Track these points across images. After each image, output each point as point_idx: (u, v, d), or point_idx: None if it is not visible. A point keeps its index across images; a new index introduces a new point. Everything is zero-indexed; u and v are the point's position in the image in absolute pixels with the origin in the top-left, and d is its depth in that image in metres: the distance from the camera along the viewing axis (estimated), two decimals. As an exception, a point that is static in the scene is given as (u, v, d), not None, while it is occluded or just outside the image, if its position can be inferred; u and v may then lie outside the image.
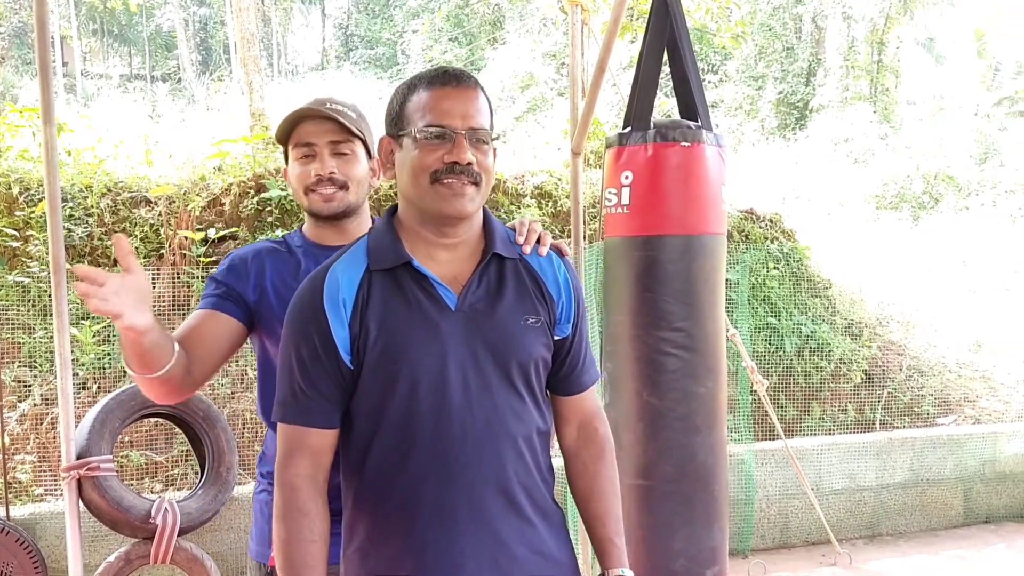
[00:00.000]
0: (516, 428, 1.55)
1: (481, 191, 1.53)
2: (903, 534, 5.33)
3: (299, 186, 1.94)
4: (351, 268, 1.55)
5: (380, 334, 1.50)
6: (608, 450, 1.71)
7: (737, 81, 18.06)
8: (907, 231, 9.88)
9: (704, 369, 2.75)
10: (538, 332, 1.59)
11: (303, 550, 1.48)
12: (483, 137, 1.53)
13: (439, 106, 1.51)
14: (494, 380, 1.53)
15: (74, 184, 5.25)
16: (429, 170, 1.50)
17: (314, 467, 1.52)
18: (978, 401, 6.36)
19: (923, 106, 16.97)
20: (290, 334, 1.55)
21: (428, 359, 1.50)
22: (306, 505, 1.50)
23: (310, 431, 1.52)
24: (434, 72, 1.56)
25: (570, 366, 1.67)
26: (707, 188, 2.74)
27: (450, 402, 1.50)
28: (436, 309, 1.52)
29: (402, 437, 1.51)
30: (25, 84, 18.84)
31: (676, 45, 2.83)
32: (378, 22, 26.73)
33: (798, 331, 6.11)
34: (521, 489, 1.55)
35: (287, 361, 1.55)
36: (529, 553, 1.56)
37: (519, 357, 1.55)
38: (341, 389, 1.53)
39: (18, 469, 4.43)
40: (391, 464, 1.52)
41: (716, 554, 2.79)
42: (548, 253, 1.67)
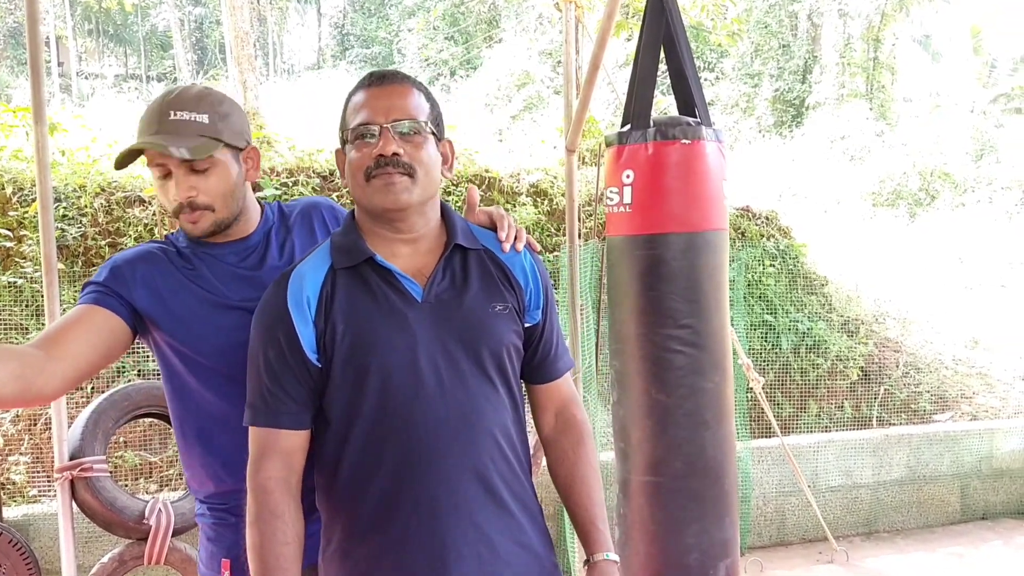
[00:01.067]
0: (491, 417, 1.55)
1: (418, 181, 1.53)
2: (900, 531, 5.33)
3: (168, 207, 1.74)
4: (314, 268, 1.56)
5: (348, 329, 1.51)
6: (587, 435, 1.71)
7: (733, 79, 18.06)
8: (903, 228, 9.90)
9: (711, 365, 2.75)
10: (507, 319, 1.60)
11: (277, 552, 1.47)
12: (410, 128, 1.54)
13: (366, 106, 1.55)
14: (466, 369, 1.54)
15: (68, 184, 5.23)
16: (362, 168, 1.53)
17: (286, 469, 1.51)
18: (975, 398, 6.36)
19: (919, 103, 16.98)
20: (256, 337, 1.55)
21: (398, 351, 1.51)
22: (279, 508, 1.49)
23: (280, 433, 1.52)
24: (365, 76, 1.61)
25: (543, 353, 1.69)
26: (708, 184, 2.73)
27: (423, 393, 1.51)
28: (402, 301, 1.53)
29: (377, 431, 1.51)
30: (20, 84, 18.81)
31: (673, 41, 2.82)
32: (374, 21, 26.71)
33: (794, 328, 6.11)
34: (500, 479, 1.55)
35: (254, 365, 1.54)
36: (511, 544, 1.56)
37: (490, 344, 1.56)
38: (309, 389, 1.53)
39: (11, 470, 4.41)
40: (368, 459, 1.52)
41: (728, 546, 2.80)
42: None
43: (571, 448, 1.68)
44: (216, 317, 1.70)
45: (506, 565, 1.54)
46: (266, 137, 6.42)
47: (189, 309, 1.70)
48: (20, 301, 4.75)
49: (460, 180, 6.03)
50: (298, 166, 5.86)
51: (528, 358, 1.67)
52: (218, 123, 1.70)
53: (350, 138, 1.56)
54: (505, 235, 1.67)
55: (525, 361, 1.67)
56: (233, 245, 1.77)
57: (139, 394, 3.56)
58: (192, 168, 1.67)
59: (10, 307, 4.73)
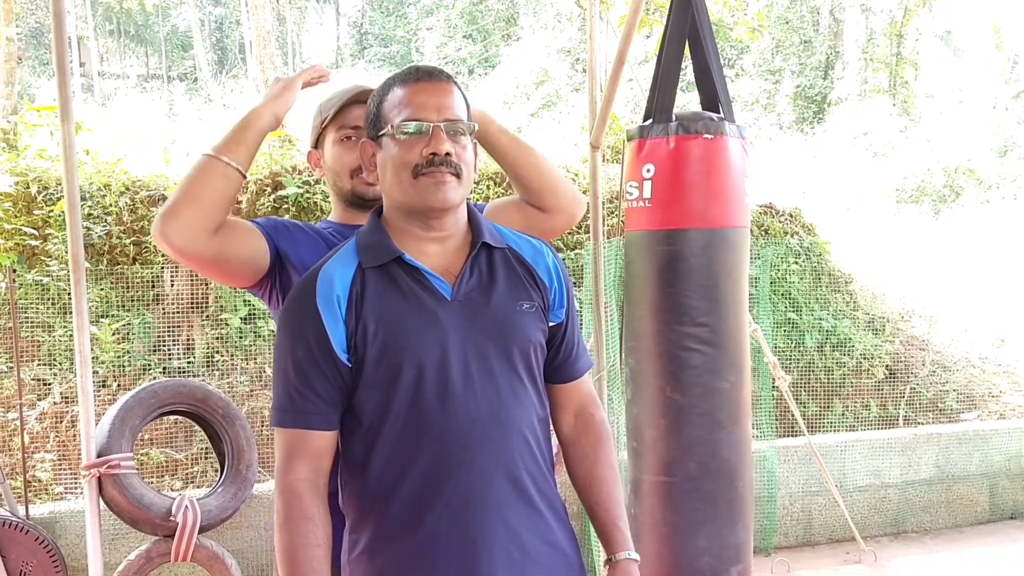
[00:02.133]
0: (520, 414, 1.56)
1: (463, 182, 1.54)
2: (928, 531, 5.27)
3: (342, 169, 1.90)
4: (342, 267, 1.54)
5: (379, 328, 1.50)
6: (606, 435, 1.71)
7: (754, 75, 17.95)
8: (928, 225, 9.81)
9: (727, 364, 2.70)
10: (534, 317, 1.60)
11: (309, 555, 1.46)
12: (460, 129, 1.54)
13: (414, 101, 1.53)
14: (496, 367, 1.54)
15: (92, 183, 5.25)
16: (410, 165, 1.51)
17: (314, 471, 1.51)
18: (1002, 396, 6.28)
19: (942, 99, 16.82)
20: (285, 338, 1.54)
21: (430, 349, 1.50)
22: (310, 510, 1.48)
23: (309, 434, 1.51)
24: (407, 70, 1.59)
25: (566, 352, 1.69)
26: (730, 181, 2.69)
27: (455, 391, 1.50)
28: (433, 299, 1.53)
29: (409, 430, 1.50)
30: (42, 84, 18.97)
31: (698, 36, 2.79)
32: (392, 20, 26.74)
33: (819, 326, 6.05)
34: (528, 477, 1.56)
35: (282, 366, 1.53)
36: (539, 543, 1.56)
37: (519, 342, 1.56)
38: (338, 389, 1.52)
39: (38, 468, 4.44)
40: (399, 459, 1.51)
41: (741, 552, 2.75)
42: (535, 243, 1.69)
43: (591, 448, 1.69)
44: None
45: (535, 564, 1.54)
46: (288, 136, 6.43)
47: None
48: (46, 299, 4.78)
49: (480, 178, 6.02)
50: (320, 164, 5.85)
51: (550, 357, 1.67)
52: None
53: (394, 133, 1.53)
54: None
55: (547, 360, 1.67)
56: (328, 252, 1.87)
57: (165, 391, 3.58)
58: None
59: (36, 305, 4.76)
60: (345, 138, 1.90)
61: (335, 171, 1.91)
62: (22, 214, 5.08)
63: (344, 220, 1.95)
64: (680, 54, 2.84)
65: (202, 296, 5.01)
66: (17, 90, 6.87)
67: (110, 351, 4.64)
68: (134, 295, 4.94)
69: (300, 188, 5.43)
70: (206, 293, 5.03)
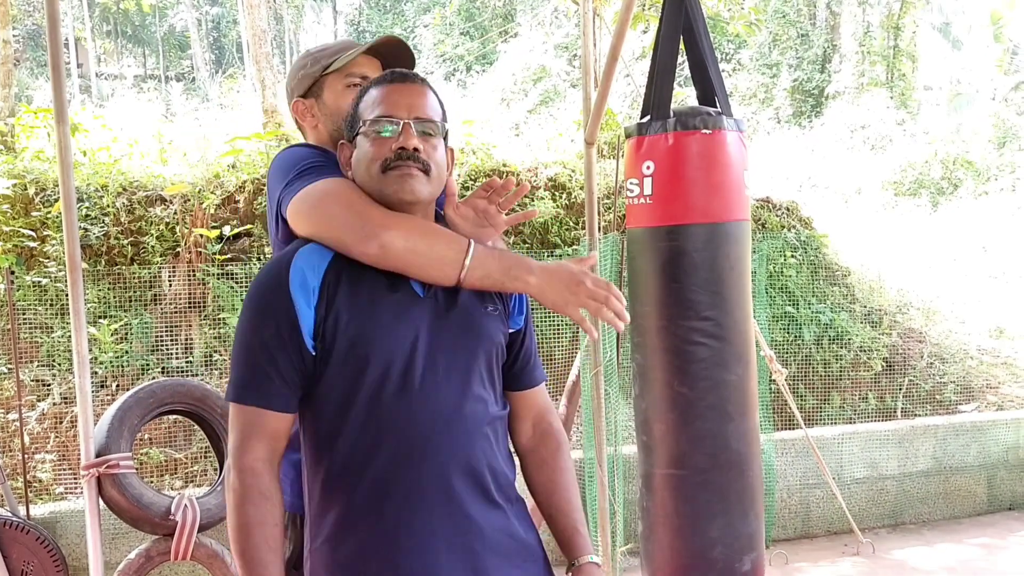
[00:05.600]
0: (482, 412, 1.58)
1: (431, 179, 1.58)
2: (926, 522, 5.28)
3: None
4: (317, 253, 1.56)
5: (351, 320, 1.51)
6: (563, 443, 1.76)
7: (751, 69, 17.92)
8: (926, 217, 9.81)
9: (734, 357, 2.72)
10: (497, 320, 1.64)
11: (266, 534, 1.48)
12: (430, 129, 1.59)
13: (387, 100, 1.59)
14: (461, 365, 1.57)
15: (90, 184, 5.27)
16: (380, 159, 1.56)
17: (271, 451, 1.52)
18: (1000, 387, 6.29)
19: (940, 91, 16.81)
20: (252, 315, 1.54)
21: (398, 344, 1.52)
22: (268, 490, 1.49)
23: (268, 414, 1.51)
24: (384, 73, 1.66)
25: (523, 360, 1.73)
26: (730, 175, 2.70)
27: (420, 386, 1.52)
28: (405, 296, 1.56)
29: (373, 422, 1.51)
30: (40, 86, 18.94)
31: (692, 31, 2.79)
32: (389, 17, 26.72)
33: (816, 320, 6.06)
34: (489, 472, 1.58)
35: (246, 342, 1.53)
36: (500, 535, 1.59)
37: (483, 342, 1.60)
38: (300, 374, 1.53)
39: (38, 468, 4.45)
40: (362, 449, 1.52)
41: (753, 540, 2.77)
42: None
43: (550, 456, 1.73)
44: None
45: (495, 554, 1.57)
46: (285, 135, 6.43)
47: None
48: (44, 300, 4.80)
49: (478, 175, 6.03)
50: (317, 163, 5.86)
51: (509, 363, 1.71)
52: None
53: (367, 130, 1.58)
54: (500, 190, 1.72)
55: (506, 367, 1.70)
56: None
57: (164, 391, 3.59)
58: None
59: (35, 306, 4.78)
60: (353, 84, 1.93)
61: (340, 114, 1.89)
62: (20, 216, 5.10)
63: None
64: (675, 50, 2.84)
65: (200, 296, 5.02)
66: (15, 92, 6.87)
67: (109, 351, 4.66)
68: (132, 295, 4.96)
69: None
70: (204, 293, 5.05)
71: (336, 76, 1.96)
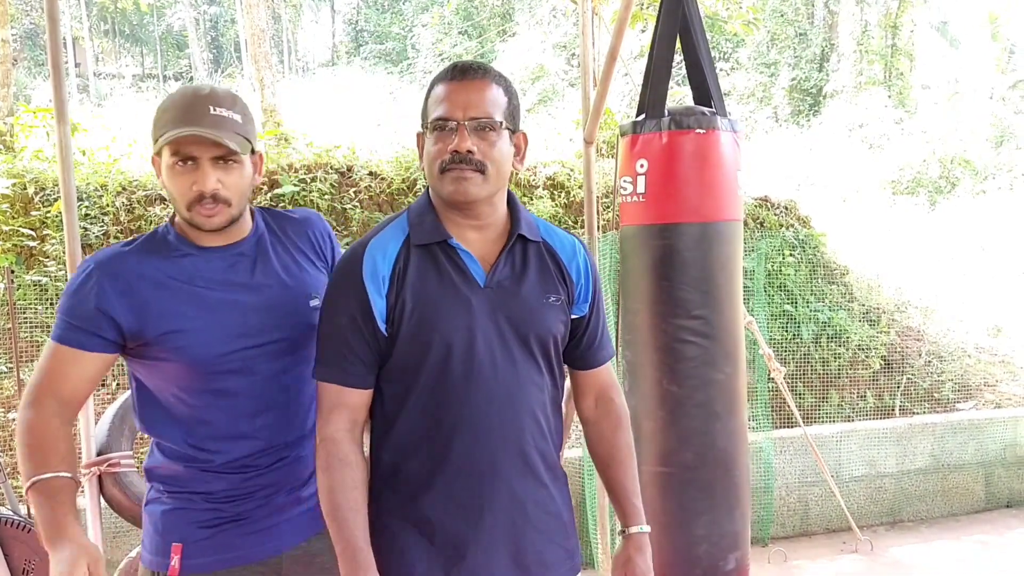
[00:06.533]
0: (534, 397, 1.69)
1: (488, 178, 1.63)
2: (924, 520, 5.30)
3: (178, 197, 1.72)
4: (391, 240, 1.67)
5: (416, 306, 1.63)
6: (624, 418, 1.86)
7: (749, 68, 17.94)
8: (924, 216, 9.82)
9: (723, 356, 2.73)
10: (558, 310, 1.72)
11: (348, 496, 1.60)
12: (486, 125, 1.62)
13: (446, 99, 1.63)
14: (516, 352, 1.67)
15: (89, 183, 5.27)
16: (437, 160, 1.62)
17: (351, 423, 1.65)
18: (998, 386, 6.31)
19: (938, 90, 16.82)
20: (331, 303, 1.67)
21: (459, 331, 1.63)
22: (348, 456, 1.62)
23: (348, 391, 1.65)
24: (448, 67, 1.68)
25: (588, 342, 1.82)
26: (723, 174, 2.71)
27: (477, 371, 1.64)
28: (467, 285, 1.65)
29: (432, 401, 1.64)
30: (38, 85, 18.95)
31: (689, 31, 2.81)
32: (387, 17, 26.73)
33: (815, 318, 6.07)
34: (536, 453, 1.70)
35: (328, 327, 1.66)
36: (541, 513, 1.71)
37: (539, 332, 1.69)
38: (376, 353, 1.65)
39: (39, 467, 4.46)
40: (419, 426, 1.65)
41: (738, 539, 2.79)
42: (570, 238, 1.81)
43: (610, 431, 1.84)
44: (207, 315, 1.73)
45: (535, 530, 1.70)
46: (284, 134, 6.44)
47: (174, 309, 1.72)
48: (44, 299, 4.80)
49: (477, 174, 6.03)
50: (316, 162, 5.88)
51: (574, 345, 1.81)
52: (247, 124, 1.78)
53: (429, 128, 1.65)
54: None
55: (571, 348, 1.81)
56: (225, 251, 1.79)
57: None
58: (221, 163, 1.71)
59: (34, 305, 4.78)
60: (179, 165, 1.70)
61: (172, 197, 1.74)
62: (20, 215, 5.10)
63: (186, 231, 1.79)
64: (671, 49, 2.86)
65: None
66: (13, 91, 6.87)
67: (109, 351, 4.66)
68: (132, 294, 4.97)
69: (296, 186, 5.45)
70: (204, 292, 5.05)
71: (166, 154, 1.72)
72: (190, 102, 1.71)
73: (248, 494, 1.79)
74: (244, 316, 1.76)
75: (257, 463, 1.79)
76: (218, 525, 1.77)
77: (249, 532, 1.79)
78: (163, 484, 1.82)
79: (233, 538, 1.78)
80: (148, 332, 1.71)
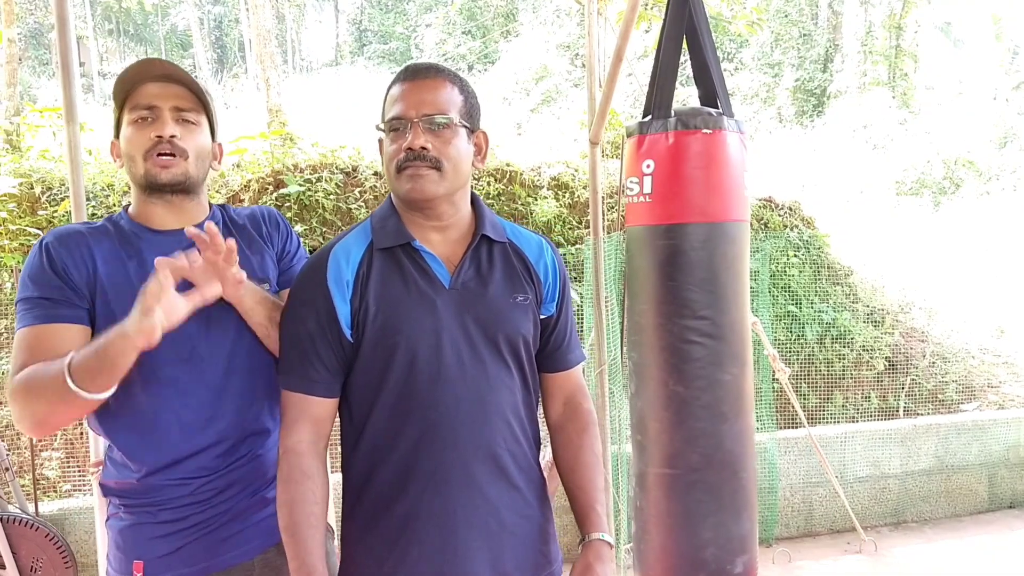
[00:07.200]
0: (505, 398, 1.66)
1: (444, 174, 1.61)
2: (928, 521, 5.31)
3: (135, 152, 1.69)
4: (355, 246, 1.64)
5: (380, 310, 1.60)
6: (591, 424, 1.81)
7: (753, 69, 17.94)
8: (928, 217, 9.82)
9: (729, 357, 2.73)
10: (525, 310, 1.70)
11: (307, 511, 1.55)
12: (439, 122, 1.61)
13: (400, 99, 1.63)
14: (485, 354, 1.64)
15: (96, 183, 5.29)
16: (394, 160, 1.62)
17: (315, 434, 1.61)
18: (1002, 387, 6.31)
19: (942, 91, 16.81)
20: (294, 309, 1.64)
21: (424, 334, 1.60)
22: (310, 469, 1.58)
23: (312, 399, 1.61)
24: (402, 68, 1.69)
25: (555, 343, 1.79)
26: (729, 175, 2.72)
27: (444, 374, 1.60)
28: (431, 287, 1.62)
29: (400, 406, 1.60)
30: (43, 85, 18.98)
31: (695, 32, 2.81)
32: (391, 16, 26.74)
33: (819, 319, 6.08)
34: (508, 456, 1.66)
35: (291, 334, 1.63)
36: (517, 517, 1.67)
37: (507, 332, 1.66)
38: (341, 361, 1.62)
39: (45, 466, 4.48)
40: (388, 434, 1.61)
41: (746, 542, 2.78)
42: (536, 238, 1.78)
43: (576, 435, 1.78)
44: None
45: (511, 535, 1.66)
46: (289, 134, 6.46)
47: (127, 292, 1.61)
48: (51, 299, 4.81)
49: (482, 174, 6.05)
50: (321, 162, 5.89)
51: (541, 347, 1.77)
52: (207, 95, 1.78)
53: (385, 129, 1.65)
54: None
55: (539, 350, 1.77)
56: (179, 233, 1.70)
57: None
58: (181, 119, 1.71)
59: (41, 305, 4.79)
60: (140, 119, 1.69)
61: (129, 155, 1.71)
62: (26, 215, 5.12)
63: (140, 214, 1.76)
64: (678, 50, 2.86)
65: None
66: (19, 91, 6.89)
67: (115, 350, 4.67)
68: (138, 294, 4.98)
69: (302, 186, 5.46)
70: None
71: (126, 111, 1.72)
72: (148, 61, 1.72)
73: (206, 500, 1.70)
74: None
75: (213, 464, 1.70)
76: (179, 535, 1.69)
77: (215, 541, 1.70)
78: (119, 498, 1.74)
79: (196, 550, 1.69)
80: (98, 308, 1.64)
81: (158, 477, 1.69)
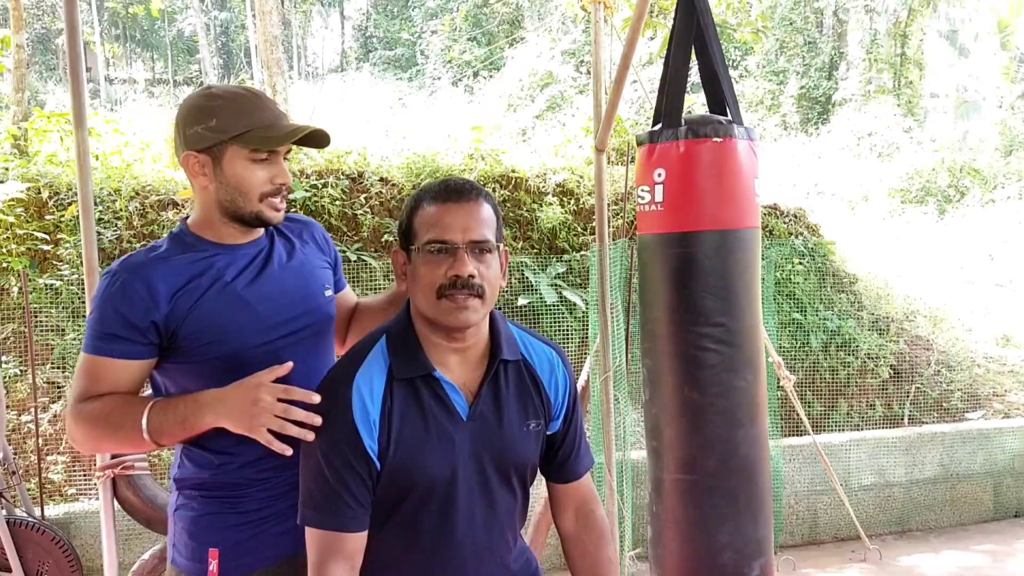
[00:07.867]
0: (508, 522, 1.70)
1: (486, 302, 1.58)
2: (933, 529, 5.30)
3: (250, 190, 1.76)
4: (375, 376, 1.60)
5: (399, 447, 1.57)
6: (606, 532, 1.79)
7: (758, 76, 17.95)
8: (933, 225, 9.82)
9: (743, 363, 2.74)
10: (535, 437, 1.70)
11: None
12: (485, 248, 1.58)
13: (442, 221, 1.56)
14: (494, 483, 1.66)
15: (103, 188, 5.31)
16: (435, 285, 1.55)
17: (350, 569, 1.57)
18: (1007, 395, 6.30)
19: (947, 99, 16.81)
20: (319, 443, 1.58)
21: (440, 469, 1.60)
22: None
23: (345, 536, 1.57)
24: (438, 186, 1.61)
25: (563, 455, 1.78)
26: (740, 182, 2.73)
27: (456, 507, 1.62)
28: (450, 420, 1.61)
29: (407, 535, 1.62)
30: (50, 90, 19.04)
31: (703, 40, 2.82)
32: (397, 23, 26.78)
33: (824, 327, 6.08)
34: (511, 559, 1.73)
35: (315, 467, 1.58)
36: None
37: (517, 462, 1.68)
38: (370, 490, 1.59)
39: (51, 470, 4.49)
40: (397, 548, 1.63)
41: (763, 546, 2.79)
42: (547, 351, 1.76)
43: (593, 547, 1.77)
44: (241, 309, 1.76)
45: None
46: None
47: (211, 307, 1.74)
48: (57, 303, 4.84)
49: (487, 180, 6.06)
50: (327, 168, 5.91)
51: (549, 459, 1.77)
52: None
53: (421, 250, 1.58)
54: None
55: (547, 462, 1.77)
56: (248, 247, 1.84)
57: (177, 394, 3.61)
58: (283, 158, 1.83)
59: (48, 308, 4.82)
60: (260, 159, 1.76)
61: (240, 189, 1.76)
62: (34, 219, 5.14)
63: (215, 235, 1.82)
64: (687, 59, 2.87)
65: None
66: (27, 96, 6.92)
67: (121, 354, 4.69)
68: (145, 298, 4.99)
69: (308, 192, 5.48)
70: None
71: (241, 146, 1.75)
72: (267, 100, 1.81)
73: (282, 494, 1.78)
74: (275, 307, 1.79)
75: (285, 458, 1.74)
76: (252, 525, 1.79)
77: (281, 532, 1.78)
78: (195, 491, 1.83)
79: (265, 540, 1.79)
80: (183, 332, 1.71)
81: (248, 471, 1.78)
